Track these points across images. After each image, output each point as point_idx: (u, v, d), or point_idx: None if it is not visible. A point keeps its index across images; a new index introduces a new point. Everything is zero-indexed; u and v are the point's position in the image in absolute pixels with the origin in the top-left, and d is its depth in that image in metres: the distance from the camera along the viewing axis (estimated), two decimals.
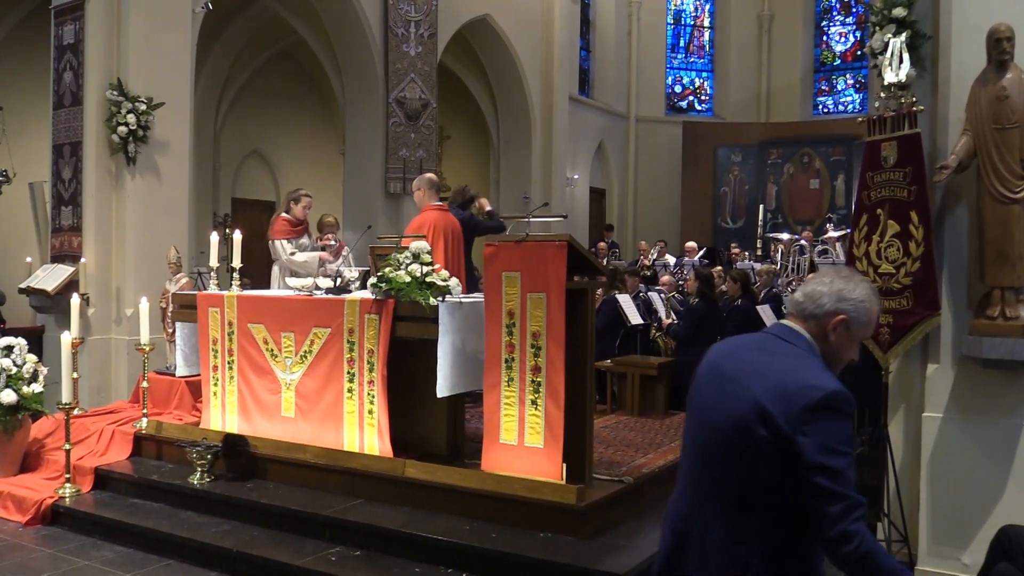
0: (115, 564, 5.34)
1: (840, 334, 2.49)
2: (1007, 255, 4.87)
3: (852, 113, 21.07)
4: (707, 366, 2.62)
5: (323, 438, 5.97)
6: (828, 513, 2.27)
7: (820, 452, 2.27)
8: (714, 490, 2.49)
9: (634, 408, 7.65)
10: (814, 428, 2.29)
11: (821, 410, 2.31)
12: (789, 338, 2.52)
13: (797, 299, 2.57)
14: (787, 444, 2.31)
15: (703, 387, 2.60)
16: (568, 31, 18.06)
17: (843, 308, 2.48)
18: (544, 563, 4.61)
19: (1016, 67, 4.86)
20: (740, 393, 2.43)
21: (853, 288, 2.50)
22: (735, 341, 2.75)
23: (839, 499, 2.26)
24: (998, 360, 4.94)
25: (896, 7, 5.34)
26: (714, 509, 2.48)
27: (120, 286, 8.95)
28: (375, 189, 13.40)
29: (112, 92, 8.77)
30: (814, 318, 2.51)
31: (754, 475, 2.39)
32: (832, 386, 2.34)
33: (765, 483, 2.38)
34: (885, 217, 5.28)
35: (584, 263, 5.33)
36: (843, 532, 2.26)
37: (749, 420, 2.37)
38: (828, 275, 2.56)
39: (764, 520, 2.41)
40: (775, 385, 2.37)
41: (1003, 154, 4.84)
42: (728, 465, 2.44)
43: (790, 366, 2.42)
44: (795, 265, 14.48)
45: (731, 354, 2.62)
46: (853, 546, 2.25)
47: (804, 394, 2.32)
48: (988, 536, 4.06)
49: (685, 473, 2.70)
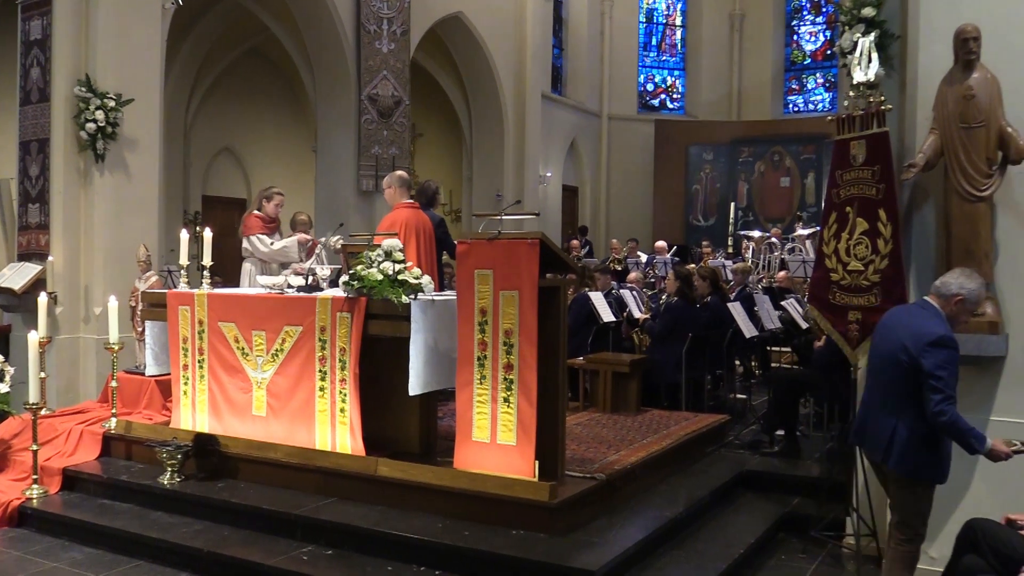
0: (84, 565, 5.28)
1: (958, 307, 4.23)
2: (973, 252, 4.93)
3: (822, 112, 21.24)
4: (880, 324, 4.52)
5: (295, 437, 5.94)
6: (933, 399, 4.02)
7: (933, 367, 4.03)
8: (880, 390, 4.38)
9: (606, 405, 7.67)
10: (930, 353, 4.05)
11: (934, 344, 4.06)
12: (925, 307, 4.30)
13: (936, 284, 4.34)
14: (916, 363, 4.09)
15: (878, 334, 4.49)
16: (541, 29, 18.08)
17: (962, 292, 4.21)
18: (517, 560, 4.61)
19: (982, 67, 4.92)
20: (893, 336, 4.28)
21: (969, 281, 4.24)
22: (895, 310, 4.59)
23: (940, 392, 4.01)
24: (965, 356, 4.98)
25: (865, 7, 5.39)
26: (879, 400, 4.37)
27: (88, 284, 8.86)
28: (347, 187, 13.35)
29: (80, 88, 8.67)
30: (943, 296, 4.25)
31: (900, 381, 4.20)
32: (942, 332, 4.10)
33: (904, 386, 4.17)
34: (854, 215, 5.33)
35: (556, 261, 5.34)
36: (939, 410, 4.00)
37: (897, 351, 4.20)
38: (956, 272, 4.34)
39: (904, 405, 4.19)
40: (912, 331, 4.18)
41: (969, 153, 4.90)
42: (887, 376, 4.30)
43: (921, 321, 4.20)
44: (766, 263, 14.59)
45: (892, 315, 4.50)
46: (946, 418, 4.00)
47: (926, 336, 4.10)
48: (955, 530, 4.12)
49: (869, 381, 4.54)
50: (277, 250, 7.80)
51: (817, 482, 6.30)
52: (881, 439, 4.29)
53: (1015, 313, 5.03)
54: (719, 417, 7.62)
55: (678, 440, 6.61)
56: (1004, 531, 3.81)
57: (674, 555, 5.12)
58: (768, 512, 6.04)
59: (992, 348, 4.94)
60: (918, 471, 4.21)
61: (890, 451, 4.24)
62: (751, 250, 15.16)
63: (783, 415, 7.19)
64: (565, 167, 20.77)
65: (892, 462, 4.24)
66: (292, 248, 7.76)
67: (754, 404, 8.92)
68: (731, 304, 8.57)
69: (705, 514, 5.83)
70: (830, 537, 5.65)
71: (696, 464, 6.66)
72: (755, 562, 5.41)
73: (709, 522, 5.76)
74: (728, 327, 8.52)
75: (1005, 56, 4.97)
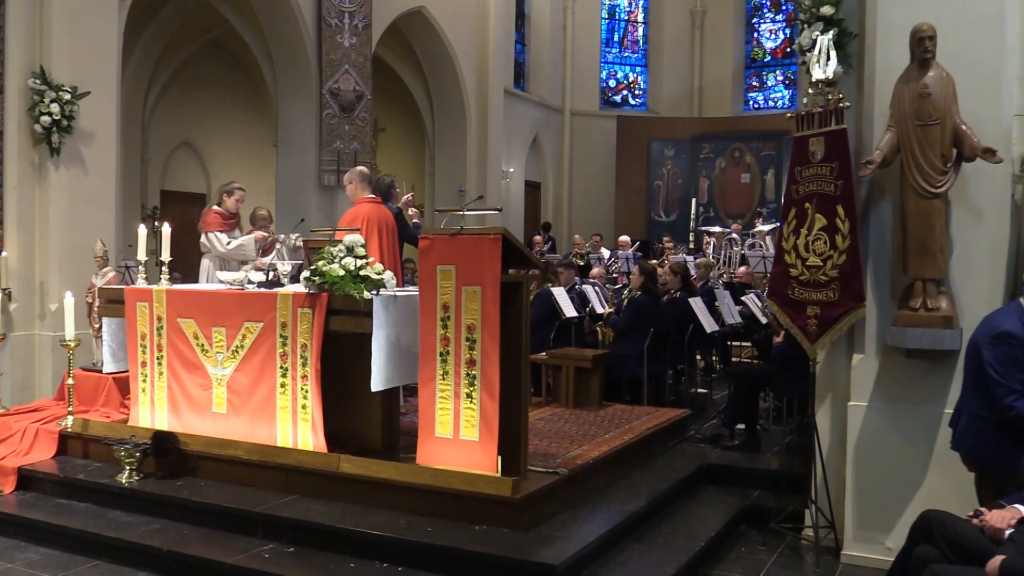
0: (40, 566, 5.19)
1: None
2: (929, 248, 5.01)
3: (782, 109, 21.44)
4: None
5: (255, 434, 5.89)
6: (997, 393, 4.26)
7: (988, 359, 4.29)
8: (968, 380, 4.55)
9: (569, 400, 7.69)
10: (990, 347, 4.29)
11: (995, 338, 4.30)
12: (1012, 306, 4.47)
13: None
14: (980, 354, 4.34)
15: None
16: (503, 24, 18.06)
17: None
18: (480, 555, 4.61)
19: (938, 65, 4.99)
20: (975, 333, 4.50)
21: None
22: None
23: (1002, 386, 4.24)
24: (920, 350, 5.09)
25: (824, 5, 5.44)
26: (965, 388, 4.58)
27: (44, 280, 8.71)
28: (308, 182, 13.25)
29: (35, 81, 8.51)
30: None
31: (975, 371, 4.42)
32: (1007, 328, 4.29)
33: (974, 373, 4.44)
34: (813, 211, 5.38)
35: (519, 256, 5.34)
36: (1005, 404, 4.23)
37: (973, 345, 4.47)
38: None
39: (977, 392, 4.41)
40: (984, 327, 4.43)
41: (925, 150, 4.97)
42: (969, 367, 4.53)
43: (999, 317, 4.43)
44: (726, 258, 14.72)
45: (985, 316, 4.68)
46: (1012, 412, 4.20)
47: (992, 329, 4.34)
48: (910, 520, 4.18)
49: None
50: (233, 249, 7.75)
51: (776, 475, 6.37)
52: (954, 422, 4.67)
53: (968, 308, 5.12)
54: (680, 411, 7.68)
55: (640, 435, 6.65)
56: (959, 522, 3.87)
57: (636, 548, 5.15)
58: (728, 505, 6.10)
59: (947, 342, 5.02)
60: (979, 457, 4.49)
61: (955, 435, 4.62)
62: (712, 246, 15.29)
63: (743, 409, 7.26)
64: (528, 162, 20.78)
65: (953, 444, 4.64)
66: (249, 246, 7.72)
67: (715, 398, 9.01)
68: (692, 299, 8.63)
69: (666, 507, 5.88)
70: (789, 529, 5.72)
71: (658, 458, 6.71)
72: (716, 554, 5.46)
73: (670, 515, 5.80)
74: (690, 322, 8.58)
75: (960, 55, 5.05)
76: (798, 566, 5.38)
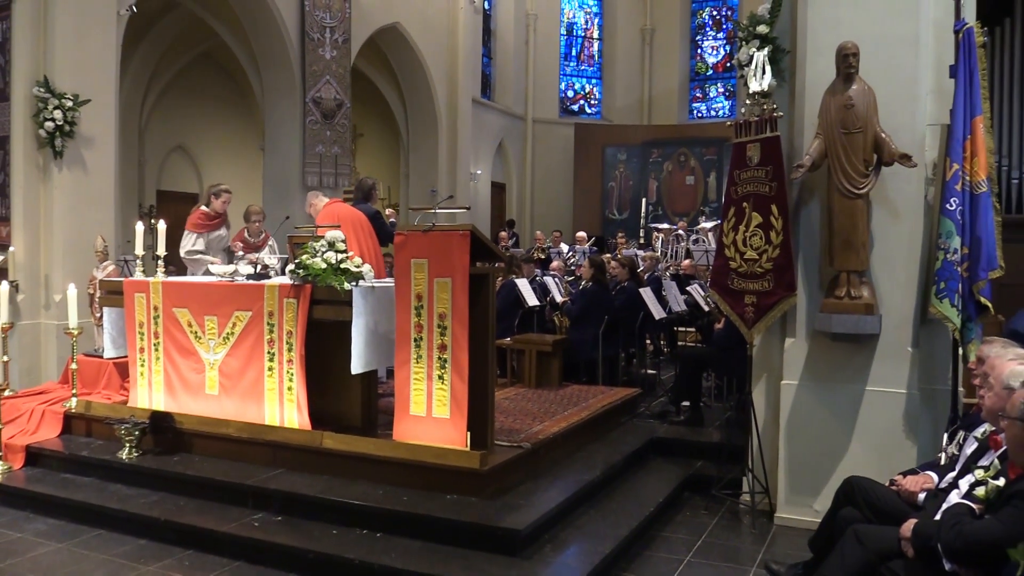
0: (47, 535, 5.13)
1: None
2: (852, 243, 5.08)
3: (722, 118, 21.57)
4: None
5: (245, 413, 5.84)
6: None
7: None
8: None
9: (531, 381, 7.70)
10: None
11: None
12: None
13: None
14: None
15: None
16: (472, 39, 18.02)
17: None
18: (451, 522, 4.61)
19: (860, 79, 5.05)
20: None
21: None
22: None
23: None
24: (844, 334, 5.16)
25: (759, 25, 5.48)
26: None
27: (48, 273, 8.59)
28: (293, 182, 13.15)
29: (39, 89, 8.38)
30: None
31: None
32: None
33: None
34: (750, 210, 5.43)
35: (486, 251, 5.33)
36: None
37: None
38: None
39: None
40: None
41: (849, 155, 5.03)
42: None
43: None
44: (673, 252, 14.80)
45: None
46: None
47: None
48: (835, 486, 4.23)
49: None
50: (188, 255, 7.57)
51: (718, 447, 6.42)
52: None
53: (887, 296, 5.20)
54: (632, 390, 7.72)
55: (595, 411, 6.68)
56: (879, 487, 3.93)
57: (592, 514, 5.17)
58: (675, 474, 6.15)
59: (868, 327, 5.09)
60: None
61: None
62: (660, 241, 15.35)
63: (688, 388, 7.30)
64: (494, 165, 20.75)
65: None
66: (204, 260, 7.47)
67: (662, 378, 9.06)
68: (642, 289, 8.66)
69: (619, 477, 5.91)
70: (728, 495, 5.78)
71: (611, 432, 6.74)
72: (663, 518, 5.51)
73: (623, 484, 5.84)
74: (640, 310, 8.62)
75: (880, 70, 5.11)
76: (736, 527, 5.44)
